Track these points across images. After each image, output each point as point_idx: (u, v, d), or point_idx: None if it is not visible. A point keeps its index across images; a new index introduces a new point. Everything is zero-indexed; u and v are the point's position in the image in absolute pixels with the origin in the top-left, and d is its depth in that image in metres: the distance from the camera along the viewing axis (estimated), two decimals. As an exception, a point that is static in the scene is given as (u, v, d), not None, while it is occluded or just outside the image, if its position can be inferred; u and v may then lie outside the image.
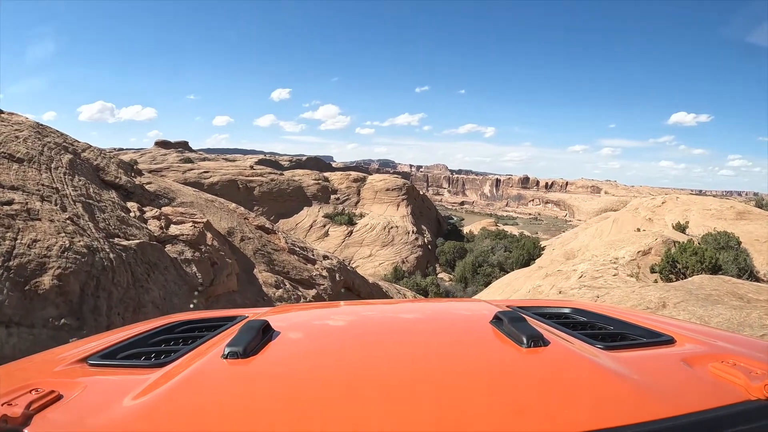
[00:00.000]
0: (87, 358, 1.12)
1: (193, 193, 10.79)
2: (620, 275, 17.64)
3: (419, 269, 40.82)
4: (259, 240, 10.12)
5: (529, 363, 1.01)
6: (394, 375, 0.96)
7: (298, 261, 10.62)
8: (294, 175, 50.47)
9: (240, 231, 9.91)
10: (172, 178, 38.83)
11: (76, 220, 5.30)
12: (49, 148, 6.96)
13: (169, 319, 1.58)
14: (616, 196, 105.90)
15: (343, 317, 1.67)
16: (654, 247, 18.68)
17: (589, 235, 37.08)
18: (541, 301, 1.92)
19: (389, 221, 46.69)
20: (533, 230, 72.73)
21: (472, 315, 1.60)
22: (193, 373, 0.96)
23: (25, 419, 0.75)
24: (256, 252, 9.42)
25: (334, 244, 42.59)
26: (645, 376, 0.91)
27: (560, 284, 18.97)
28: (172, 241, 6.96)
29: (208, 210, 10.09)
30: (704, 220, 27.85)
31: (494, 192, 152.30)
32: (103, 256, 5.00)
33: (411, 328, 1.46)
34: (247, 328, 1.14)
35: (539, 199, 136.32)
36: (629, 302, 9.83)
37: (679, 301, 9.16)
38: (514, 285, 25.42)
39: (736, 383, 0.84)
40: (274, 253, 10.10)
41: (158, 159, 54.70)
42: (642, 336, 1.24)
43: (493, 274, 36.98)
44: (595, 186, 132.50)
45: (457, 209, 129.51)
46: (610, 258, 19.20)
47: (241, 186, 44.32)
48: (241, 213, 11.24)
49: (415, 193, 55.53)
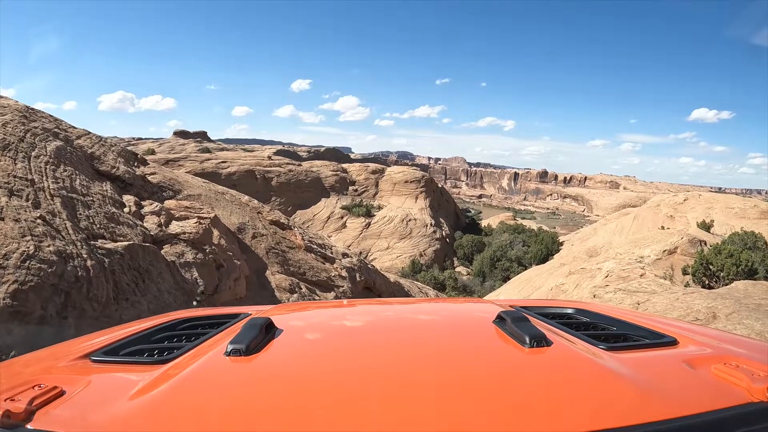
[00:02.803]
0: (90, 354, 1.12)
1: (202, 185, 9.87)
2: (647, 275, 16.73)
3: (437, 263, 40.39)
4: (273, 237, 9.17)
5: (532, 363, 1.01)
6: (397, 374, 0.96)
7: (316, 260, 9.67)
8: (312, 166, 50.18)
9: (252, 227, 8.97)
10: (190, 167, 39.29)
11: (50, 219, 4.38)
12: (34, 134, 6.06)
13: (172, 316, 1.57)
14: (635, 192, 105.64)
15: (347, 316, 1.67)
16: (680, 246, 18.00)
17: (609, 232, 37.00)
18: (545, 301, 1.91)
19: (407, 213, 46.18)
20: (551, 225, 72.20)
21: (475, 315, 1.62)
22: (195, 370, 0.96)
23: (27, 415, 0.74)
24: (269, 251, 8.47)
25: (351, 236, 42.42)
26: (647, 377, 0.91)
27: (585, 283, 18.13)
28: (172, 241, 6.04)
29: (218, 203, 9.17)
30: (727, 218, 27.26)
31: (512, 186, 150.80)
32: (77, 264, 4.06)
33: (414, 327, 1.46)
34: (250, 325, 1.13)
35: (557, 194, 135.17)
36: (675, 312, 8.76)
37: (730, 312, 8.25)
38: (535, 282, 24.79)
39: (738, 385, 0.84)
40: (289, 251, 9.15)
41: (177, 149, 54.90)
42: (645, 337, 1.23)
43: (511, 269, 36.78)
44: (614, 181, 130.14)
45: (475, 202, 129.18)
46: (635, 257, 18.50)
47: (259, 176, 44.05)
48: (254, 207, 10.29)
49: (434, 185, 54.84)
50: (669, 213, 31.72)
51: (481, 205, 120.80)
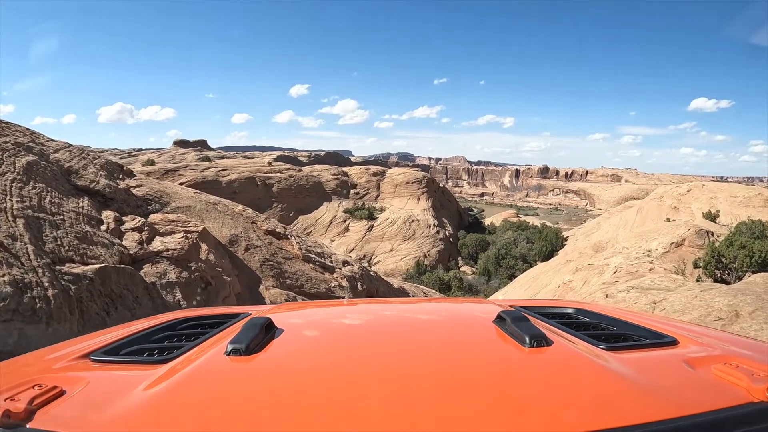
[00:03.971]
0: (90, 354, 1.11)
1: (192, 196, 9.40)
2: (657, 269, 16.34)
3: (441, 263, 40.37)
4: (268, 248, 8.69)
5: (532, 363, 1.01)
6: (397, 374, 0.95)
7: (314, 270, 9.20)
8: (313, 171, 50.32)
9: (245, 238, 8.50)
10: (190, 176, 39.63)
11: (9, 243, 3.90)
12: (2, 149, 5.61)
13: (172, 316, 1.57)
14: (637, 185, 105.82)
15: (347, 316, 1.66)
16: (687, 238, 17.75)
17: (612, 225, 36.97)
18: (545, 301, 1.90)
19: (410, 215, 46.16)
20: (554, 220, 72.41)
21: (475, 314, 1.62)
22: (195, 369, 0.96)
23: (27, 415, 0.74)
24: (263, 263, 8.00)
25: (354, 240, 42.43)
26: (647, 377, 0.91)
27: (594, 280, 17.73)
28: (153, 259, 5.58)
29: (209, 215, 8.70)
30: (732, 207, 27.05)
31: (514, 183, 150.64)
32: (36, 295, 3.58)
33: (414, 326, 1.46)
34: (250, 325, 1.13)
35: (559, 189, 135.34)
36: (695, 311, 8.20)
37: (753, 310, 7.76)
38: (542, 279, 24.43)
39: (738, 385, 0.83)
40: (285, 262, 8.68)
41: (177, 158, 55.10)
42: (645, 337, 1.23)
43: (516, 267, 36.87)
44: (615, 174, 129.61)
45: (477, 201, 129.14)
46: (642, 250, 18.32)
47: (260, 183, 44.04)
48: (249, 216, 9.82)
49: (435, 185, 54.81)
50: (673, 204, 31.61)
51: (484, 204, 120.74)
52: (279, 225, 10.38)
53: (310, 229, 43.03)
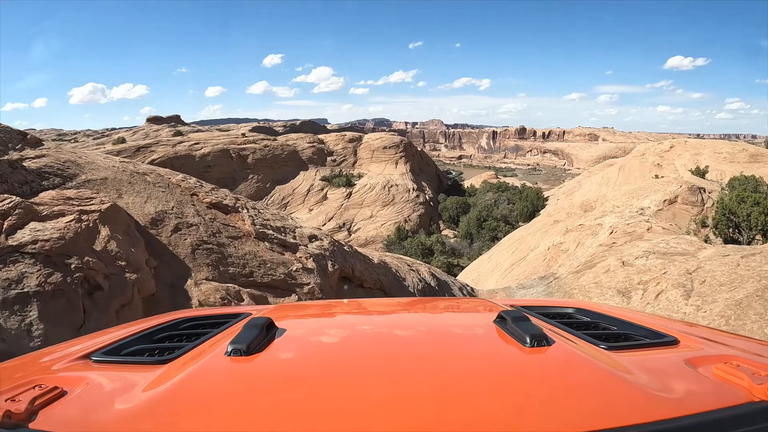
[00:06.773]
0: (90, 355, 1.10)
1: (114, 166, 7.42)
2: (654, 228, 15.26)
3: (422, 227, 39.86)
4: (208, 226, 6.84)
5: (533, 362, 1.00)
6: (398, 374, 0.94)
7: (271, 250, 7.40)
8: (288, 140, 48.76)
9: (177, 215, 6.63)
10: (162, 152, 37.72)
11: None
12: None
13: (172, 316, 1.55)
14: (615, 143, 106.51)
15: (347, 316, 1.65)
16: (680, 195, 17.22)
17: (594, 184, 36.40)
18: (545, 300, 1.97)
19: (388, 180, 45.09)
20: (533, 180, 72.13)
21: (476, 314, 1.62)
22: (196, 370, 0.95)
23: (28, 415, 0.74)
24: (197, 247, 6.16)
25: (333, 207, 41.48)
26: (648, 376, 0.90)
27: (588, 241, 16.52)
28: (9, 258, 3.77)
29: (130, 188, 6.78)
30: (717, 163, 26.73)
31: (491, 144, 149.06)
32: None
33: (415, 327, 1.45)
34: (250, 325, 1.12)
35: (537, 150, 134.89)
36: (747, 284, 6.39)
37: None
38: (529, 242, 23.45)
39: (739, 385, 0.83)
40: (230, 243, 6.86)
41: (151, 135, 54.31)
42: (646, 337, 1.21)
43: (498, 228, 36.41)
44: (593, 134, 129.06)
45: (455, 164, 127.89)
46: (635, 209, 17.48)
47: (234, 155, 42.35)
48: (188, 187, 7.88)
49: (413, 149, 53.45)
50: (656, 161, 31.12)
51: (462, 166, 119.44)
52: (229, 195, 8.49)
53: (287, 199, 41.94)
